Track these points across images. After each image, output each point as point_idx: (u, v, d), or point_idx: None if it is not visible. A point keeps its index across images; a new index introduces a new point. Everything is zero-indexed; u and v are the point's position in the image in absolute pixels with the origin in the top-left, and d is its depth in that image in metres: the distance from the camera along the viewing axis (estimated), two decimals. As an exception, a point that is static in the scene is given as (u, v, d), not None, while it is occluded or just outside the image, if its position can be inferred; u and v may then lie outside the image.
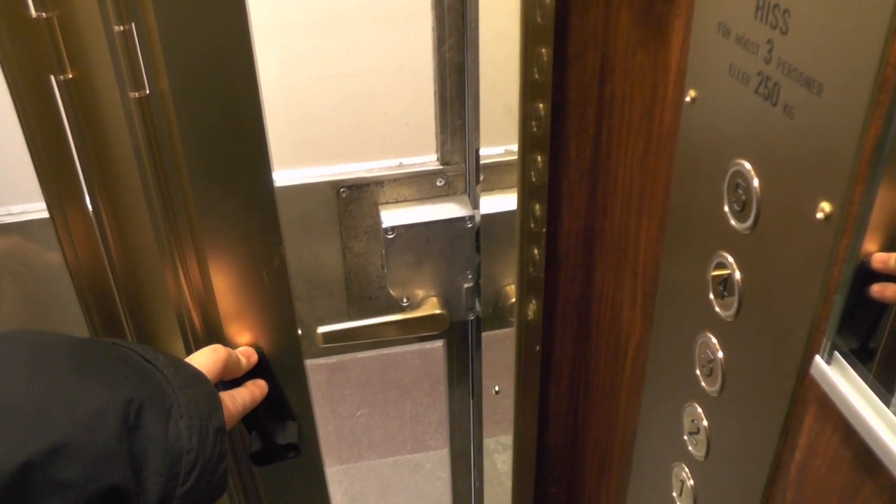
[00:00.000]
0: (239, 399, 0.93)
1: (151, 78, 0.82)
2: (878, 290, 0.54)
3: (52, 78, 0.83)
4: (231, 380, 0.96)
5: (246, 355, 0.98)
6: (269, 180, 0.90)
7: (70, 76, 0.83)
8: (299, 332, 1.04)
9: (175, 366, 0.81)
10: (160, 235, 0.92)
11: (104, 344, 0.81)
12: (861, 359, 0.56)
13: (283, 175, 1.15)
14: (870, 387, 0.53)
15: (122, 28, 0.78)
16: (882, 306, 0.55)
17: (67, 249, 0.95)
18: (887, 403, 0.52)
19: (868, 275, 0.54)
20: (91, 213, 0.93)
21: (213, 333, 0.99)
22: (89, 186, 0.91)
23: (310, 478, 1.17)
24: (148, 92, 0.83)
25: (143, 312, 1.01)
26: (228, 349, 0.95)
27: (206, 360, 0.90)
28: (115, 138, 0.87)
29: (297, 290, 1.20)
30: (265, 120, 0.87)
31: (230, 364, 0.93)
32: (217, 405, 0.82)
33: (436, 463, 2.97)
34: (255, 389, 0.97)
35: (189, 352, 0.97)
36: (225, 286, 0.96)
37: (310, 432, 1.11)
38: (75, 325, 1.01)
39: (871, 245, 0.53)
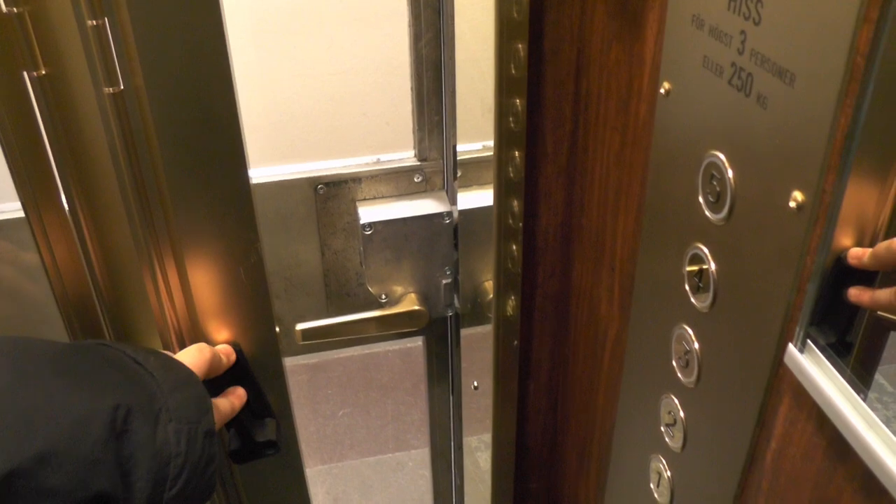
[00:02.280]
0: (222, 407, 0.93)
1: (126, 73, 0.82)
2: (855, 294, 0.55)
3: (25, 74, 0.82)
4: (210, 379, 0.96)
5: (225, 353, 0.98)
6: (245, 176, 0.90)
7: (43, 72, 0.82)
8: (277, 329, 1.03)
9: (165, 367, 0.81)
10: (137, 233, 0.91)
11: (91, 348, 0.80)
12: (834, 347, 0.56)
13: (261, 172, 1.15)
14: (842, 375, 0.54)
15: (95, 23, 0.77)
16: (845, 293, 0.56)
17: (44, 249, 0.94)
18: (859, 391, 0.52)
19: (843, 270, 0.54)
20: (67, 212, 0.92)
21: (191, 331, 0.99)
22: (65, 184, 0.90)
23: (289, 476, 1.17)
24: (122, 88, 0.82)
25: (120, 311, 1.00)
26: (213, 349, 0.94)
27: (193, 359, 0.90)
28: (91, 135, 0.86)
29: (275, 287, 1.20)
30: (240, 115, 0.87)
31: (214, 364, 0.93)
32: (207, 407, 0.81)
33: (418, 462, 2.97)
34: (234, 400, 0.97)
35: (167, 350, 0.97)
36: (202, 283, 0.95)
37: (289, 430, 1.10)
38: (53, 324, 1.00)
39: (843, 234, 0.54)
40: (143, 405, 0.74)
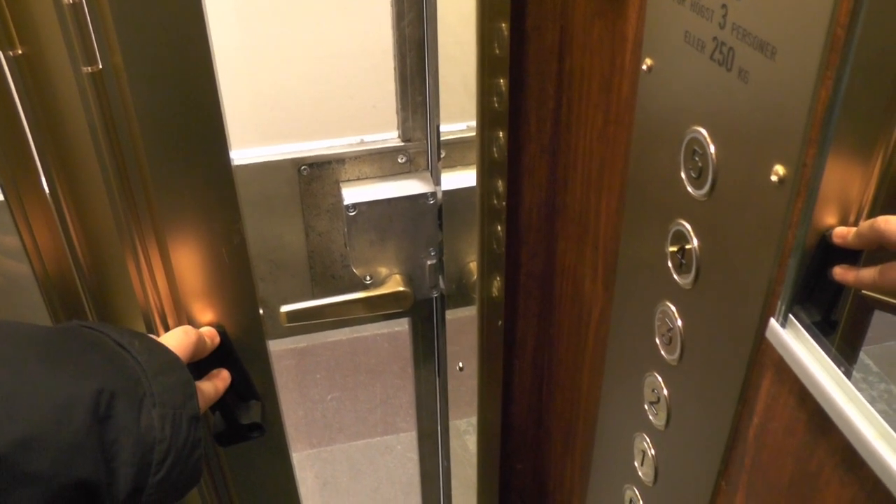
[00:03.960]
0: (207, 391, 0.93)
1: (104, 52, 0.81)
2: (840, 273, 0.54)
3: (1, 54, 0.82)
4: (195, 362, 0.95)
5: (209, 336, 0.98)
6: (227, 156, 0.89)
7: (20, 52, 0.81)
8: (261, 311, 1.03)
9: (150, 351, 0.80)
10: (118, 214, 0.90)
11: (74, 330, 0.80)
12: (816, 322, 0.56)
13: (245, 153, 1.14)
14: (823, 349, 0.54)
15: (71, 0, 0.76)
16: (828, 269, 0.56)
17: (24, 232, 0.93)
18: (840, 365, 0.52)
19: (828, 248, 0.54)
20: (48, 194, 0.91)
21: (174, 313, 0.98)
22: (45, 167, 0.90)
23: (276, 458, 1.17)
24: (101, 67, 0.81)
25: (103, 293, 0.99)
26: (198, 331, 0.94)
27: (178, 342, 0.89)
28: (70, 116, 0.85)
29: (260, 270, 1.20)
30: (221, 94, 0.86)
31: (199, 346, 0.93)
32: (192, 392, 0.81)
33: (406, 445, 2.97)
34: (218, 383, 0.96)
35: (150, 332, 0.96)
36: (185, 265, 0.95)
37: (274, 412, 1.10)
38: (35, 307, 0.99)
39: (825, 208, 0.53)
40: (127, 389, 0.74)
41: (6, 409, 0.66)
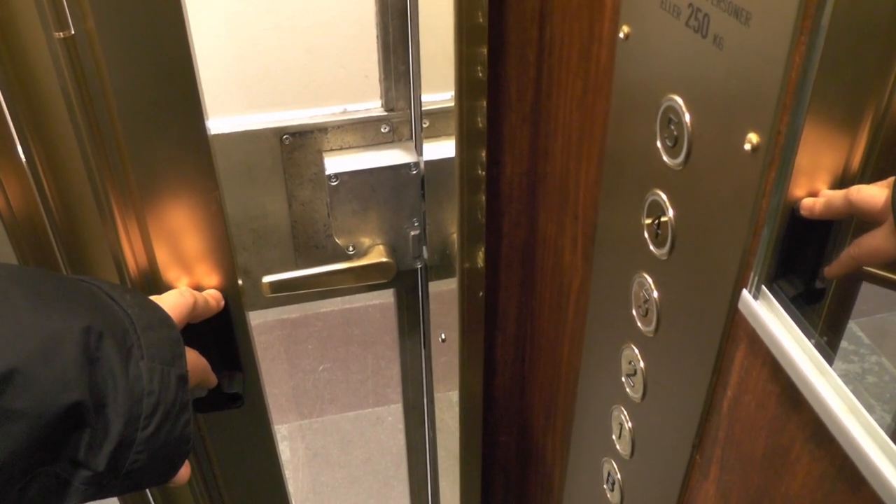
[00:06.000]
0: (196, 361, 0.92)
1: (76, 17, 0.80)
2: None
3: (-28, 19, 0.80)
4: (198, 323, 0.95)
5: (214, 298, 0.97)
6: (202, 122, 0.88)
7: (-10, 16, 0.80)
8: (240, 282, 1.02)
9: (141, 306, 0.78)
10: (94, 181, 0.89)
11: (64, 276, 0.78)
12: (792, 294, 0.55)
13: (227, 122, 1.12)
14: (794, 320, 0.53)
15: (40, -36, 0.75)
16: (810, 242, 0.55)
17: (0, 200, 0.92)
18: (810, 337, 0.51)
19: (804, 220, 0.53)
20: (24, 163, 0.90)
21: (153, 283, 0.97)
22: (20, 132, 0.88)
23: (257, 430, 1.16)
24: (73, 32, 0.80)
25: (82, 263, 0.99)
26: (195, 294, 0.92)
27: (172, 302, 0.88)
28: (43, 82, 0.84)
29: (243, 239, 1.19)
30: (196, 61, 0.85)
31: (198, 308, 0.92)
32: (180, 352, 0.79)
33: (397, 416, 2.98)
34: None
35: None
36: (162, 233, 0.94)
37: (255, 384, 1.09)
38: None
39: (799, 176, 0.52)
40: (115, 335, 0.72)
41: None
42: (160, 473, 0.77)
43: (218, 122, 1.07)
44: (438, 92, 1.06)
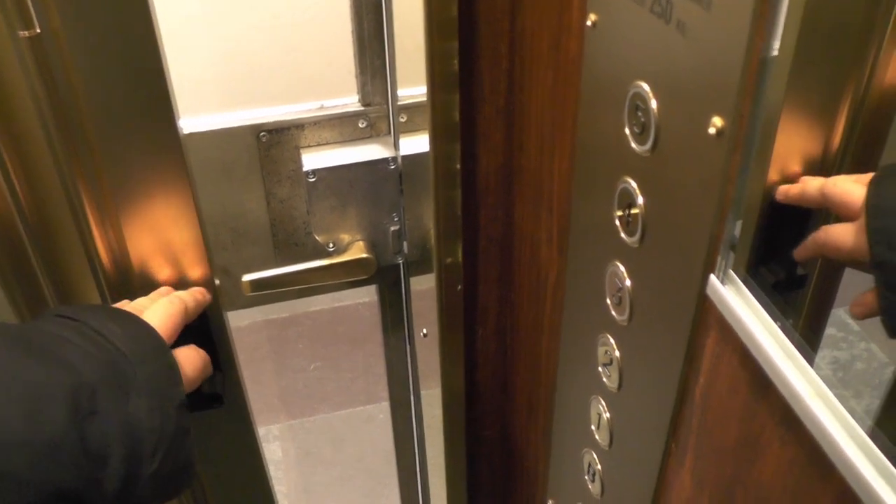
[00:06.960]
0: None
1: (42, 16, 0.79)
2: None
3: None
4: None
5: (202, 293, 0.97)
6: (173, 120, 0.87)
7: (-47, 16, 0.79)
8: (217, 281, 1.01)
9: (132, 338, 0.77)
10: (66, 181, 0.89)
11: (48, 321, 0.77)
12: (760, 278, 0.55)
13: (202, 121, 1.12)
14: (762, 305, 0.53)
15: (2, -38, 0.75)
16: (782, 228, 0.55)
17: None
18: (777, 321, 0.51)
19: (772, 205, 0.53)
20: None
21: (128, 284, 0.97)
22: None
23: (239, 431, 1.16)
24: (39, 31, 0.79)
25: (57, 266, 0.98)
26: (183, 297, 0.92)
27: (164, 314, 0.86)
28: (10, 82, 0.83)
29: (221, 238, 1.18)
30: (165, 59, 0.84)
31: (189, 311, 0.91)
32: (177, 379, 0.78)
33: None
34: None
35: (104, 302, 0.95)
36: (136, 233, 0.94)
37: (235, 384, 1.09)
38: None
39: (763, 161, 0.52)
40: (109, 382, 0.71)
41: None
42: (164, 496, 0.77)
43: (194, 121, 1.06)
44: (414, 86, 1.06)
